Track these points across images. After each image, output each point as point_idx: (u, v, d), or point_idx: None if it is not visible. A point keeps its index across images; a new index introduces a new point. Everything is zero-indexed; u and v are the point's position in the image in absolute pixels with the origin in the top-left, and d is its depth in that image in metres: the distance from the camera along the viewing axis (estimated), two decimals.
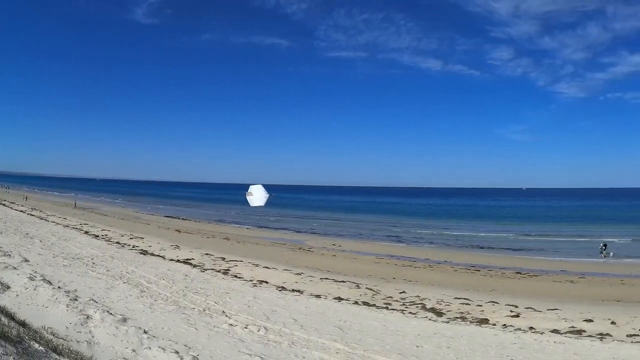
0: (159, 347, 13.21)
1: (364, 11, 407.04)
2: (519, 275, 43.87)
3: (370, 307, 27.33)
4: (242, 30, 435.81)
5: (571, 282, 40.86)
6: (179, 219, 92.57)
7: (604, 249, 59.19)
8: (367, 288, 33.05)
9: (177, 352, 13.02)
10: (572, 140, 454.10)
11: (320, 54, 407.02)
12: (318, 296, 29.32)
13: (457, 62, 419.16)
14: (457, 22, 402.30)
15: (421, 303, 29.29)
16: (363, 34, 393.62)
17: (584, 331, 23.96)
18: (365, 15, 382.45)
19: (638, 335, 23.29)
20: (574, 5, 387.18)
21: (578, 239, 75.15)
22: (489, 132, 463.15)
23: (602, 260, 56.07)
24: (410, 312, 26.80)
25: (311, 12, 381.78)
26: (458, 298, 31.22)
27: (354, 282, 35.09)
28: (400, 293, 32.16)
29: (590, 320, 25.94)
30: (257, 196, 23.64)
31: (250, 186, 23.94)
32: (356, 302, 28.26)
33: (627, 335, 23.15)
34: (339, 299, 29.15)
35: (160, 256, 41.67)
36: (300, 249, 56.14)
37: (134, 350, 12.68)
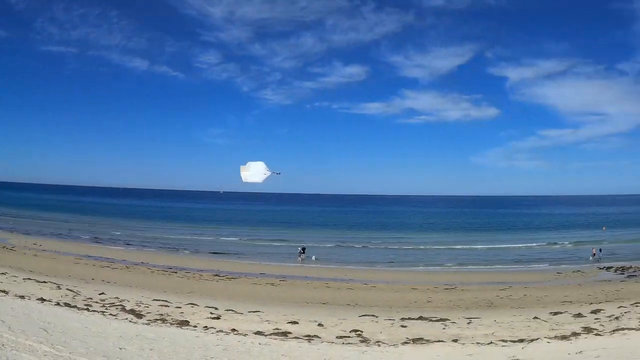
0: None
1: (83, 6, 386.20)
2: (218, 277, 44.30)
3: (72, 309, 26.43)
4: None
5: (272, 284, 41.47)
6: None
7: (302, 253, 61.40)
8: (67, 289, 32.31)
9: None
10: (273, 145, 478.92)
11: (34, 47, 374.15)
12: (22, 297, 27.90)
13: (163, 63, 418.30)
14: (169, 23, 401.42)
15: (120, 304, 28.76)
16: (77, 29, 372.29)
17: (290, 333, 23.45)
18: (83, 10, 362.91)
19: (348, 337, 22.99)
20: (292, 15, 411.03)
21: (276, 243, 77.97)
22: (189, 135, 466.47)
23: (300, 263, 57.74)
24: (110, 314, 26.17)
25: (32, 3, 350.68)
26: (157, 300, 30.96)
27: (55, 283, 34.30)
28: (100, 294, 31.64)
29: (296, 322, 25.79)
30: (254, 172, 22.32)
31: (249, 162, 22.64)
32: (58, 303, 27.40)
33: (336, 337, 22.85)
34: (42, 299, 28.00)
35: None
36: (3, 247, 55.02)
37: None
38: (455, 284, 43.94)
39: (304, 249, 62.62)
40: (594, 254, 63.52)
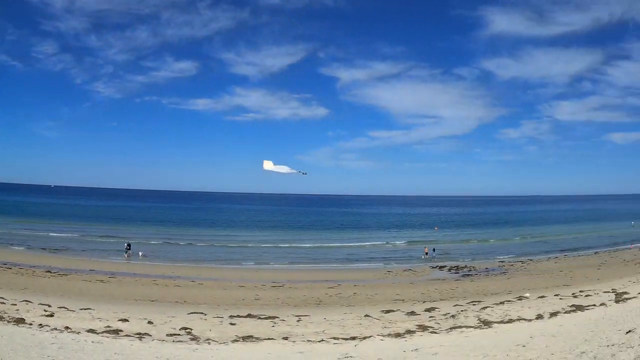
0: None
1: None
2: (49, 274, 43.46)
3: None
4: None
5: (102, 281, 41.14)
6: None
7: (129, 249, 60.92)
8: None
9: None
10: (103, 139, 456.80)
11: None
12: None
13: (3, 52, 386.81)
14: (11, 11, 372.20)
15: None
16: None
17: (121, 331, 23.52)
18: None
19: (179, 334, 23.53)
20: (128, 7, 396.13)
21: (104, 239, 76.46)
22: (23, 126, 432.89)
23: (126, 260, 57.69)
24: None
25: None
26: None
27: None
28: None
29: (126, 320, 25.83)
30: (278, 167, 24.32)
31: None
32: None
33: (167, 335, 23.25)
34: None
35: None
36: None
37: None
38: (283, 282, 44.84)
39: (129, 245, 62.13)
40: (426, 252, 66.77)
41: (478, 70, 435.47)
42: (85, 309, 28.41)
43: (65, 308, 28.23)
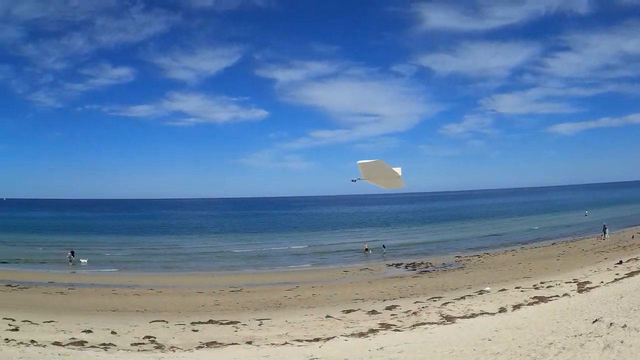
0: None
1: None
2: (10, 287, 41.47)
3: None
4: None
5: (62, 293, 39.52)
6: None
7: (72, 257, 59.75)
8: None
9: None
10: (48, 150, 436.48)
11: None
12: None
13: None
14: None
15: None
16: None
17: (86, 342, 22.68)
18: None
19: (143, 343, 22.91)
20: (62, 15, 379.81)
21: (49, 250, 71.94)
22: None
23: (70, 268, 56.45)
24: None
25: None
26: None
27: None
28: None
29: (90, 331, 24.91)
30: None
31: None
32: None
33: (131, 344, 22.57)
34: None
35: None
36: None
37: None
38: (241, 285, 43.18)
39: (72, 252, 60.43)
40: (367, 249, 66.81)
41: (416, 66, 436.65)
42: (48, 322, 27.12)
43: (29, 322, 26.87)
